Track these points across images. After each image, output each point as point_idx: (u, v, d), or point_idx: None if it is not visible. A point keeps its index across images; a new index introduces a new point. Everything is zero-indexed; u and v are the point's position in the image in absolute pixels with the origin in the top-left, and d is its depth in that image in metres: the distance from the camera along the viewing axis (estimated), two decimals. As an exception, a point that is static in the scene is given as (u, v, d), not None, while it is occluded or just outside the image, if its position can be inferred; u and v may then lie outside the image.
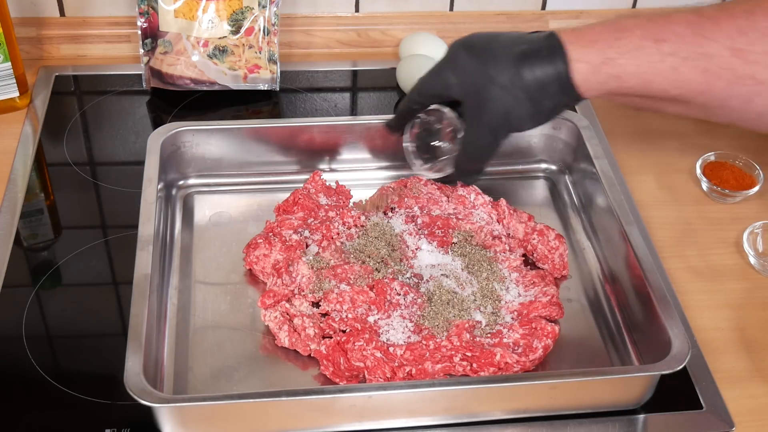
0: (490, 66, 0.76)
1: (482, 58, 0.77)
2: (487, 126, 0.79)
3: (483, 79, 0.77)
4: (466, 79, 0.79)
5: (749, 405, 0.78)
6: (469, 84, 0.78)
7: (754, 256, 0.90)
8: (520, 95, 0.76)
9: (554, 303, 0.82)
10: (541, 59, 0.75)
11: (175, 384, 0.77)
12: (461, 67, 0.79)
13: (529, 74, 0.75)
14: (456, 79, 0.80)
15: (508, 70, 0.76)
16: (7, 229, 0.91)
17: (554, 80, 0.74)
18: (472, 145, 0.82)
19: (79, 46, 1.16)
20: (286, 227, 0.88)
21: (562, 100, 0.77)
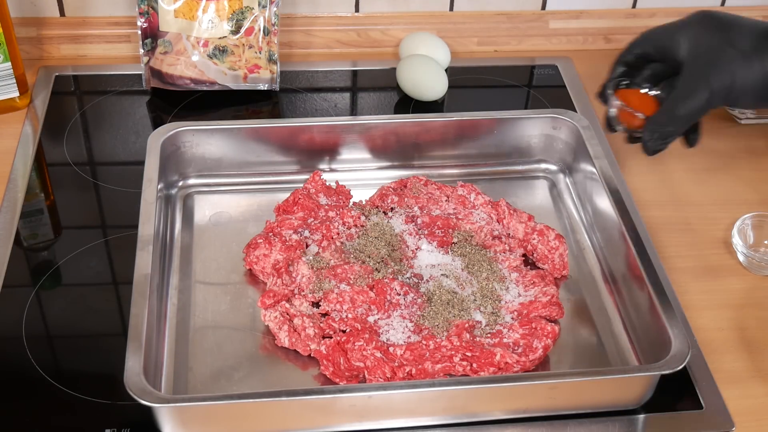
0: (734, 31, 0.76)
1: (726, 24, 0.77)
2: (709, 85, 0.77)
3: (721, 41, 0.76)
4: (700, 39, 0.78)
5: (749, 405, 0.78)
6: (704, 42, 0.78)
7: (742, 253, 0.89)
8: (755, 65, 0.75)
9: (554, 303, 0.82)
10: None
11: (175, 384, 0.77)
12: (696, 29, 0.79)
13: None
14: (687, 38, 0.79)
15: (751, 39, 0.75)
16: (7, 229, 0.91)
17: None
18: (683, 100, 0.79)
19: (79, 46, 1.16)
20: (286, 227, 0.88)
21: None
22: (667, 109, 0.82)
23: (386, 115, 1.09)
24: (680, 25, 0.82)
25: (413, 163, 0.99)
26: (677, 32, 0.82)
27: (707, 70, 0.78)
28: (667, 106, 0.82)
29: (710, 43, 0.78)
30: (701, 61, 0.78)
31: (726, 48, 0.76)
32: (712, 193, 1.00)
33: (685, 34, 0.80)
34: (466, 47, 1.22)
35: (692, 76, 0.79)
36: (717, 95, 0.78)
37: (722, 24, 0.78)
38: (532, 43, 1.22)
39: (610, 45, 1.23)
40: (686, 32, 0.81)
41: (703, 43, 0.78)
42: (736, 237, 0.90)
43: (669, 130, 0.83)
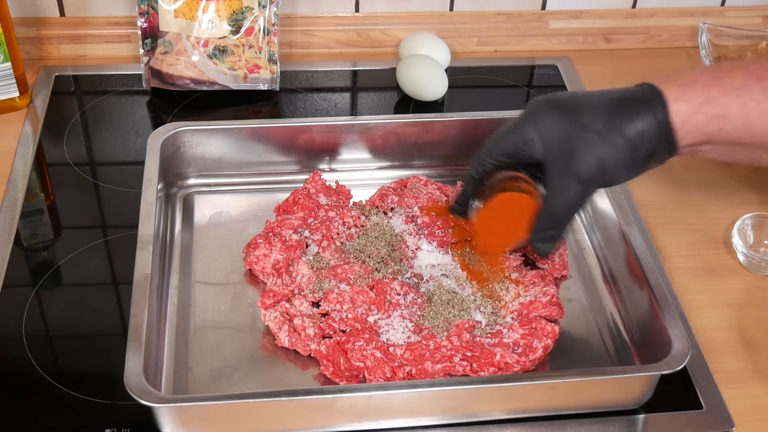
0: (581, 114, 0.71)
1: (570, 108, 0.72)
2: (577, 176, 0.72)
3: (572, 127, 0.71)
4: (552, 132, 0.72)
5: (749, 405, 0.78)
6: (556, 135, 0.72)
7: (742, 253, 0.89)
8: (617, 140, 0.69)
9: (554, 303, 0.82)
10: (636, 102, 0.70)
11: (175, 384, 0.77)
12: (545, 120, 0.73)
13: (625, 117, 0.70)
14: (538, 133, 0.73)
15: (600, 116, 0.70)
16: (7, 229, 0.91)
17: (652, 123, 0.69)
18: (557, 201, 0.74)
19: (79, 46, 1.16)
20: (286, 227, 0.88)
21: (659, 148, 0.71)
22: (546, 214, 0.76)
23: (386, 115, 1.09)
24: (525, 123, 0.75)
25: (413, 163, 0.99)
26: (525, 132, 0.74)
27: (569, 163, 0.71)
28: (545, 210, 0.76)
29: (562, 134, 0.71)
30: (560, 155, 0.72)
31: (580, 133, 0.70)
32: (712, 193, 1.00)
33: (535, 131, 0.73)
34: (466, 47, 1.22)
35: (558, 174, 0.73)
36: (590, 184, 0.72)
37: (567, 108, 0.72)
38: (532, 43, 1.22)
39: (610, 45, 1.23)
40: (533, 126, 0.74)
41: (555, 135, 0.72)
42: (736, 237, 0.90)
43: (554, 234, 0.77)
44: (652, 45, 1.24)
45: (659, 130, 0.70)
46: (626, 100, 0.71)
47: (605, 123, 0.70)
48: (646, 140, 0.70)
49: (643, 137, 0.70)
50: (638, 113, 0.70)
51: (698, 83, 0.69)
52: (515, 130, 0.75)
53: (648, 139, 0.70)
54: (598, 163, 0.71)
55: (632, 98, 0.71)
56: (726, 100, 0.68)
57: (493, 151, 0.77)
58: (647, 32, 1.23)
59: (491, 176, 0.79)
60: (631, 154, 0.70)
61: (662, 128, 0.70)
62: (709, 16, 1.23)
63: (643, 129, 0.70)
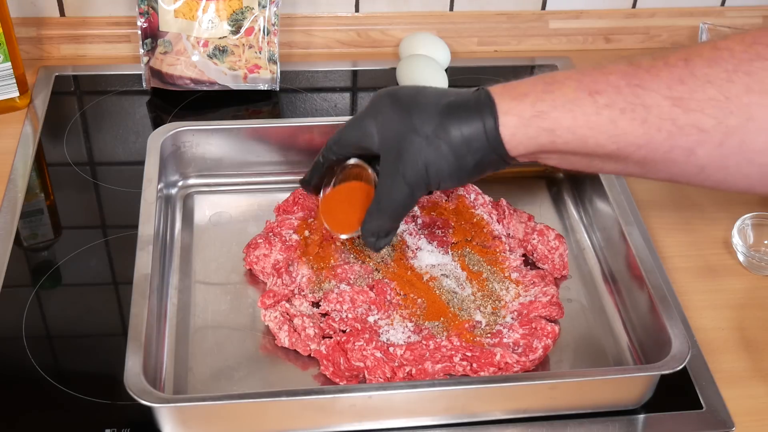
0: (414, 115, 0.72)
1: (406, 107, 0.72)
2: (404, 178, 0.73)
3: (405, 128, 0.72)
4: (387, 128, 0.74)
5: (749, 405, 0.78)
6: (390, 133, 0.73)
7: (742, 253, 0.89)
8: (442, 147, 0.70)
9: (554, 303, 0.82)
10: (468, 111, 0.70)
11: (175, 384, 0.77)
12: (383, 116, 0.74)
13: (454, 125, 0.70)
14: (376, 128, 0.75)
15: (432, 120, 0.71)
16: (7, 229, 0.91)
17: (480, 134, 0.69)
18: (385, 199, 0.75)
19: (79, 46, 1.16)
20: (286, 227, 0.88)
21: (488, 158, 0.71)
22: (375, 209, 0.77)
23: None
24: (365, 114, 0.76)
25: (413, 163, 0.99)
26: (364, 123, 0.76)
27: (398, 164, 0.73)
28: (375, 205, 0.77)
29: (396, 133, 0.73)
30: (392, 154, 0.73)
31: (410, 136, 0.71)
32: (712, 193, 1.00)
33: (373, 123, 0.75)
34: (466, 47, 1.22)
35: (388, 173, 0.74)
36: (417, 187, 0.73)
37: (404, 107, 0.72)
38: (532, 43, 1.22)
39: (610, 45, 1.24)
40: (373, 120, 0.75)
41: (390, 134, 0.73)
42: (736, 237, 0.90)
43: (385, 228, 0.78)
44: (652, 45, 1.24)
45: (487, 141, 0.70)
46: (458, 107, 0.71)
47: (435, 128, 0.71)
48: (472, 150, 0.70)
49: (469, 147, 0.70)
50: (467, 122, 0.70)
51: (530, 95, 0.68)
52: (357, 122, 0.77)
53: (474, 149, 0.70)
54: (424, 168, 0.72)
55: (465, 106, 0.71)
56: (556, 114, 0.67)
57: (338, 142, 0.79)
58: (647, 32, 1.23)
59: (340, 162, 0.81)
60: (456, 162, 0.71)
61: (491, 139, 0.70)
62: (709, 16, 1.23)
63: (470, 138, 0.70)
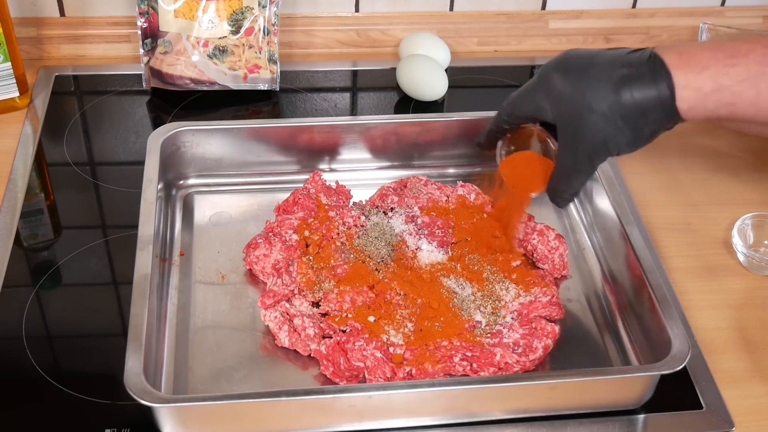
0: (588, 92, 0.71)
1: (578, 82, 0.73)
2: (585, 152, 0.75)
3: (580, 105, 0.72)
4: (561, 104, 0.74)
5: (749, 405, 0.78)
6: (565, 109, 0.74)
7: (742, 253, 0.89)
8: (619, 123, 0.71)
9: (554, 303, 0.82)
10: (644, 85, 0.70)
11: (175, 384, 0.77)
12: (555, 91, 0.74)
13: (630, 101, 0.70)
14: (549, 103, 0.75)
15: (607, 96, 0.71)
16: (7, 229, 0.91)
17: (657, 107, 0.70)
18: (567, 169, 0.77)
19: (79, 46, 1.16)
20: (286, 227, 0.88)
21: (664, 126, 0.72)
22: (558, 176, 0.79)
23: (386, 115, 1.09)
24: (536, 87, 0.77)
25: (413, 163, 0.99)
26: (536, 96, 0.77)
27: (577, 139, 0.74)
28: (558, 172, 0.79)
29: (570, 107, 0.73)
30: (568, 127, 0.74)
31: (586, 113, 0.72)
32: (712, 193, 1.00)
33: (545, 98, 0.76)
34: (466, 47, 1.22)
35: (566, 146, 0.76)
36: (597, 158, 0.75)
37: (576, 80, 0.73)
38: (532, 43, 1.22)
39: (610, 45, 1.23)
40: (545, 95, 0.76)
41: (564, 106, 0.74)
42: (736, 237, 0.90)
43: (569, 192, 0.80)
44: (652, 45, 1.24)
45: (664, 113, 0.70)
46: (633, 81, 0.71)
47: (610, 104, 0.71)
48: (649, 121, 0.71)
49: (646, 119, 0.71)
50: (644, 98, 0.70)
51: (711, 68, 0.68)
52: (528, 96, 0.78)
53: (651, 120, 0.71)
54: (602, 142, 0.73)
55: (639, 79, 0.70)
56: (738, 88, 0.68)
57: (509, 113, 0.80)
58: (647, 32, 1.23)
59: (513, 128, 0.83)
60: (633, 134, 0.72)
61: (667, 111, 0.70)
62: (709, 16, 1.23)
63: (646, 112, 0.70)
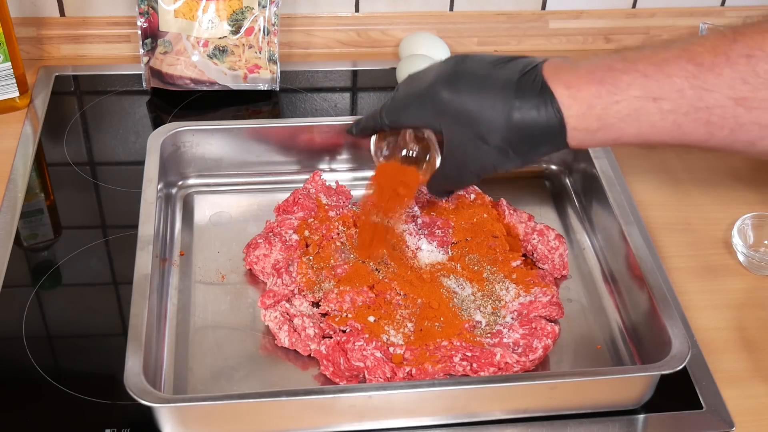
0: (482, 123, 0.73)
1: (470, 108, 0.74)
2: (473, 172, 0.78)
3: (471, 133, 0.74)
4: (453, 129, 0.76)
5: (749, 405, 0.78)
6: (455, 135, 0.76)
7: (742, 253, 0.89)
8: (510, 154, 0.74)
9: (554, 303, 0.82)
10: (538, 123, 0.72)
11: (175, 384, 0.77)
12: (446, 112, 0.75)
13: (523, 137, 0.73)
14: (439, 121, 0.76)
15: (500, 130, 0.73)
16: (7, 229, 0.91)
17: (548, 142, 0.73)
18: (452, 178, 0.81)
19: (79, 46, 1.16)
20: (286, 227, 0.88)
21: (552, 152, 0.76)
22: (441, 179, 0.82)
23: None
24: (426, 101, 0.77)
25: (413, 163, 0.99)
26: (428, 117, 0.77)
27: (465, 160, 0.76)
28: (438, 182, 0.82)
29: (462, 137, 0.75)
30: (458, 152, 0.76)
31: (478, 142, 0.74)
32: (712, 193, 1.00)
33: (435, 114, 0.76)
34: (466, 47, 1.22)
35: (453, 164, 0.78)
36: (484, 173, 0.78)
37: (470, 116, 0.73)
38: (532, 43, 1.22)
39: (610, 45, 1.23)
40: (434, 111, 0.76)
41: (455, 135, 0.75)
42: (736, 237, 0.90)
43: (449, 194, 0.87)
44: (652, 45, 1.24)
45: (554, 146, 0.74)
46: (527, 117, 0.72)
47: (503, 138, 0.73)
48: (540, 152, 0.75)
49: (537, 151, 0.75)
50: (538, 134, 0.72)
51: (596, 108, 0.70)
52: (416, 110, 0.78)
53: (542, 152, 0.75)
54: (492, 167, 0.76)
55: (534, 116, 0.72)
56: (622, 125, 0.70)
57: (393, 121, 0.81)
58: (647, 32, 1.23)
59: None
60: (522, 160, 0.75)
61: (557, 146, 0.73)
62: (709, 16, 1.23)
63: (539, 146, 0.74)
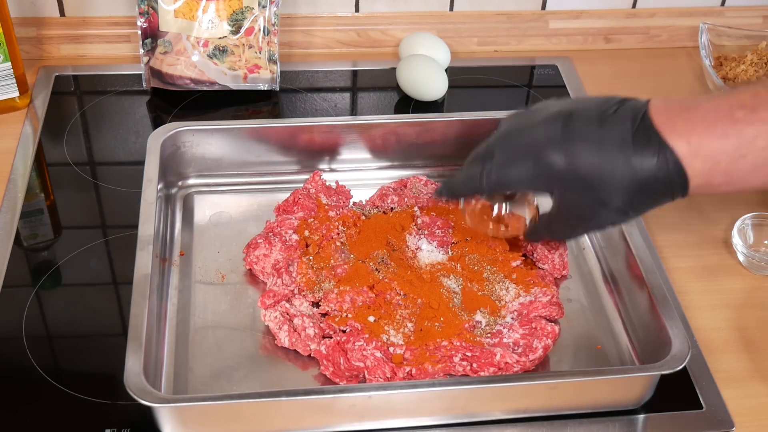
0: (601, 190, 0.70)
1: (590, 177, 0.70)
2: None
3: (590, 199, 0.71)
4: (568, 192, 0.72)
5: (749, 405, 0.78)
6: (571, 197, 0.72)
7: (742, 253, 0.89)
8: (630, 213, 0.72)
9: (554, 303, 0.82)
10: (660, 184, 0.69)
11: (175, 384, 0.77)
12: (563, 179, 0.71)
13: (644, 199, 0.70)
14: (551, 185, 0.73)
15: (621, 196, 0.70)
16: (7, 229, 0.91)
17: (669, 197, 0.70)
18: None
19: (79, 46, 1.16)
20: (286, 227, 0.88)
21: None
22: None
23: (386, 115, 1.09)
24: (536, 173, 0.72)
25: (413, 163, 0.99)
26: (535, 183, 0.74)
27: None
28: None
29: (579, 203, 0.72)
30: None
31: (597, 206, 0.71)
32: (712, 193, 1.00)
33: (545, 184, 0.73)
34: (466, 47, 1.22)
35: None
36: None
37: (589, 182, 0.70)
38: (532, 43, 1.22)
39: (610, 45, 1.23)
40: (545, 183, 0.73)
41: (571, 201, 0.73)
42: (736, 237, 0.90)
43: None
44: (652, 45, 1.24)
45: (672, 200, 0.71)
46: (651, 189, 0.70)
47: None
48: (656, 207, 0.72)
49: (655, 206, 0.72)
50: (658, 199, 0.70)
51: (721, 164, 0.67)
52: (526, 179, 0.73)
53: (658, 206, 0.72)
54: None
55: (657, 186, 0.69)
56: (749, 177, 0.68)
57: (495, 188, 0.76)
58: (647, 32, 1.23)
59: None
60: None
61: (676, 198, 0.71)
62: (709, 16, 1.23)
63: (658, 202, 0.71)
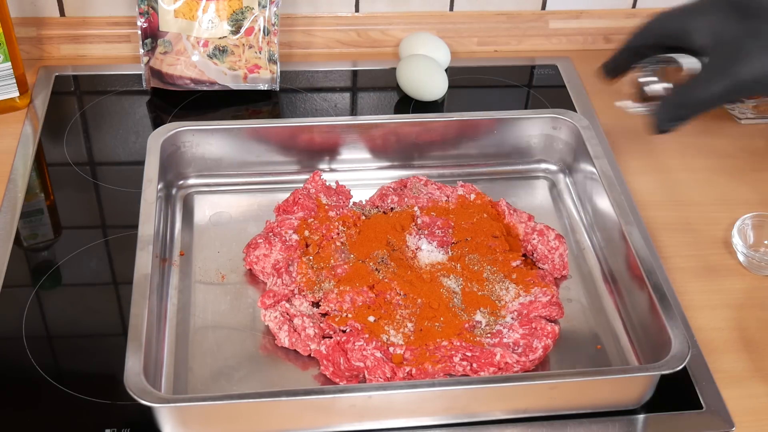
0: (759, 20, 0.69)
1: (748, 10, 0.70)
2: (736, 80, 0.72)
3: (745, 31, 0.70)
4: (722, 28, 0.72)
5: (749, 405, 0.78)
6: (725, 34, 0.71)
7: (742, 253, 0.89)
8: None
9: (554, 303, 0.82)
10: None
11: (175, 384, 0.77)
12: (717, 15, 0.72)
13: None
14: (705, 24, 0.73)
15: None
16: (7, 229, 0.91)
17: None
18: (703, 91, 0.74)
19: (79, 46, 1.16)
20: (286, 227, 0.88)
21: None
22: (687, 91, 0.77)
23: (386, 115, 1.09)
24: (695, 10, 0.75)
25: (413, 163, 0.99)
26: (692, 19, 0.74)
27: (734, 63, 0.72)
28: (687, 88, 0.76)
29: (733, 35, 0.71)
30: (725, 53, 0.72)
31: (751, 41, 0.70)
32: (712, 193, 1.00)
33: (702, 22, 0.73)
34: (466, 47, 1.22)
35: (717, 67, 0.73)
36: (744, 87, 0.73)
37: (744, 12, 0.70)
38: (532, 43, 1.22)
39: (610, 45, 1.23)
40: (703, 20, 0.73)
41: (726, 34, 0.72)
42: (736, 237, 0.90)
43: (683, 113, 0.78)
44: (652, 45, 1.24)
45: None
46: None
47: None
48: None
49: None
50: None
51: None
52: (682, 15, 0.75)
53: None
54: (762, 73, 0.71)
55: None
56: None
57: (654, 28, 0.78)
58: (647, 32, 1.23)
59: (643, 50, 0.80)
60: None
61: None
62: (709, 16, 1.23)
63: None
